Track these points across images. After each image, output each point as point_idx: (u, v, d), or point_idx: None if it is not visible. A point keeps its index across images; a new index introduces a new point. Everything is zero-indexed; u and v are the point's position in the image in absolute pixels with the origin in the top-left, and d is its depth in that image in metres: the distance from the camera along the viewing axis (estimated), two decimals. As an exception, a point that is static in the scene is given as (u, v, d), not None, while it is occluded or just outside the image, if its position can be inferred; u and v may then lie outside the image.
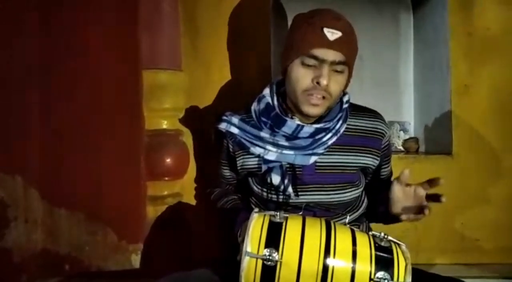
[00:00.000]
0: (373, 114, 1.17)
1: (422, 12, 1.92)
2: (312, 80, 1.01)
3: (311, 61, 1.01)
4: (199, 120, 1.60)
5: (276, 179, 1.09)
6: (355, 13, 1.92)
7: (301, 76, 1.02)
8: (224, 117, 1.16)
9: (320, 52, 1.00)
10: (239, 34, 1.61)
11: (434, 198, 0.96)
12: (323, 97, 1.03)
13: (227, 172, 1.25)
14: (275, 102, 1.10)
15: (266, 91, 1.14)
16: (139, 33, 1.52)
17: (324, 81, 1.00)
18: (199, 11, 1.62)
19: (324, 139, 1.07)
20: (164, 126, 1.59)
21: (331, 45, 0.99)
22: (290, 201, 1.10)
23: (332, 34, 0.99)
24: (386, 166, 1.22)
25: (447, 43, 1.68)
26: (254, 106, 1.14)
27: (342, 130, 1.10)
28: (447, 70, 1.69)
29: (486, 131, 1.66)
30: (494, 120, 1.66)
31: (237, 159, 1.16)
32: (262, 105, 1.12)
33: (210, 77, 1.62)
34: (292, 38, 1.05)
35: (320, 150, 1.08)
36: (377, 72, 1.93)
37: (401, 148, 1.94)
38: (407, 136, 1.97)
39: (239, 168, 1.17)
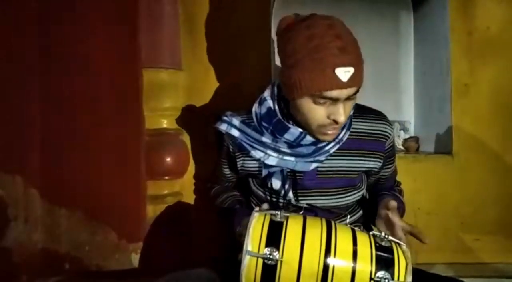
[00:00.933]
0: (377, 116, 1.14)
1: (422, 11, 1.92)
2: (327, 117, 0.96)
3: (323, 100, 0.94)
4: (199, 119, 1.60)
5: (276, 183, 1.08)
6: (355, 12, 1.92)
7: (315, 112, 0.96)
8: (225, 118, 1.13)
9: (334, 93, 0.92)
10: (239, 33, 1.61)
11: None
12: (339, 127, 1.01)
13: (227, 171, 1.25)
14: (276, 107, 1.07)
15: (267, 93, 1.10)
16: (139, 32, 1.52)
17: (341, 119, 0.94)
18: (199, 10, 1.61)
19: (327, 148, 1.05)
20: (164, 126, 1.59)
21: (345, 84, 0.91)
22: (291, 204, 1.10)
23: (345, 73, 0.90)
24: (389, 165, 1.20)
25: (447, 42, 1.68)
26: (255, 108, 1.10)
27: (345, 138, 1.07)
28: (447, 70, 1.69)
29: (486, 130, 1.66)
30: (494, 119, 1.66)
31: (237, 160, 1.15)
32: (263, 109, 1.08)
33: (210, 76, 1.62)
34: (295, 73, 0.93)
35: (322, 158, 1.06)
36: (377, 72, 1.93)
37: (401, 147, 1.94)
38: (407, 136, 1.97)
39: (239, 168, 1.16)
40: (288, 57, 0.95)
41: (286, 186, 1.07)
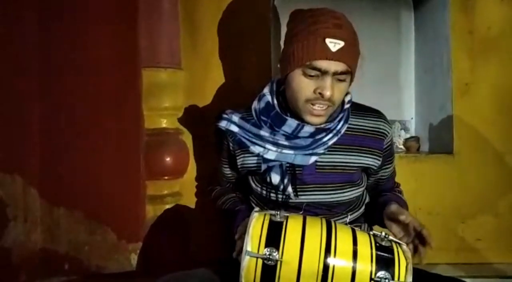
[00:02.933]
0: (375, 114, 1.15)
1: (423, 10, 1.92)
2: (314, 90, 0.99)
3: (313, 72, 0.98)
4: (199, 119, 1.60)
5: (275, 178, 1.08)
6: (356, 11, 1.91)
7: (303, 86, 1.00)
8: (224, 115, 1.15)
9: (322, 64, 0.97)
10: (239, 32, 1.61)
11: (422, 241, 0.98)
12: (326, 107, 1.02)
13: (227, 170, 1.25)
14: (275, 101, 1.09)
15: (266, 89, 1.12)
16: (138, 31, 1.52)
17: (327, 93, 0.97)
18: (199, 9, 1.61)
19: (325, 139, 1.06)
20: (164, 125, 1.58)
21: (333, 56, 0.96)
22: (290, 200, 1.10)
23: (334, 45, 0.95)
24: (388, 165, 1.20)
25: (448, 41, 1.67)
26: (255, 104, 1.13)
27: (343, 130, 1.09)
28: (448, 69, 1.68)
29: (487, 130, 1.65)
30: (495, 118, 1.65)
31: (237, 158, 1.16)
32: (262, 104, 1.11)
33: (210, 75, 1.61)
34: (292, 45, 1.00)
35: (320, 150, 1.07)
36: (378, 71, 1.92)
37: (402, 147, 1.93)
38: (408, 136, 1.96)
39: (239, 166, 1.16)
40: (289, 32, 1.04)
41: (285, 181, 1.07)
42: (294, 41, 1.00)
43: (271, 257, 0.81)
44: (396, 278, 0.80)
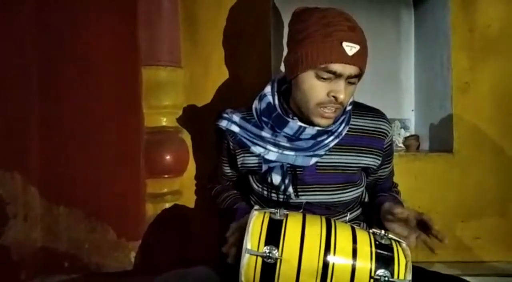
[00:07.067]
0: (376, 113, 1.15)
1: (423, 9, 1.92)
2: (328, 94, 0.98)
3: (327, 75, 0.96)
4: (199, 117, 1.60)
5: (276, 178, 1.08)
6: (356, 9, 1.91)
7: (316, 89, 0.98)
8: (225, 115, 1.14)
9: (338, 67, 0.95)
10: (239, 31, 1.61)
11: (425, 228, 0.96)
12: (335, 109, 1.01)
13: (227, 169, 1.25)
14: (276, 102, 1.09)
15: (267, 89, 1.11)
16: (138, 30, 1.51)
17: (341, 96, 0.97)
18: (199, 7, 1.61)
19: (326, 141, 1.06)
20: (164, 124, 1.58)
21: (349, 60, 0.95)
22: (291, 200, 1.10)
23: (351, 48, 0.94)
24: (387, 165, 1.20)
25: (448, 40, 1.68)
26: (255, 104, 1.12)
27: (344, 132, 1.08)
28: (448, 67, 1.69)
29: (487, 128, 1.66)
30: (495, 117, 1.66)
31: (237, 157, 1.16)
32: (263, 105, 1.10)
33: (210, 74, 1.61)
34: (304, 46, 0.97)
35: (321, 152, 1.07)
36: (378, 69, 1.92)
37: (401, 145, 1.93)
38: (407, 134, 1.96)
39: (239, 165, 1.16)
40: (299, 33, 1.00)
41: (286, 181, 1.07)
42: (307, 42, 0.97)
43: (271, 255, 0.81)
44: (395, 276, 0.80)
